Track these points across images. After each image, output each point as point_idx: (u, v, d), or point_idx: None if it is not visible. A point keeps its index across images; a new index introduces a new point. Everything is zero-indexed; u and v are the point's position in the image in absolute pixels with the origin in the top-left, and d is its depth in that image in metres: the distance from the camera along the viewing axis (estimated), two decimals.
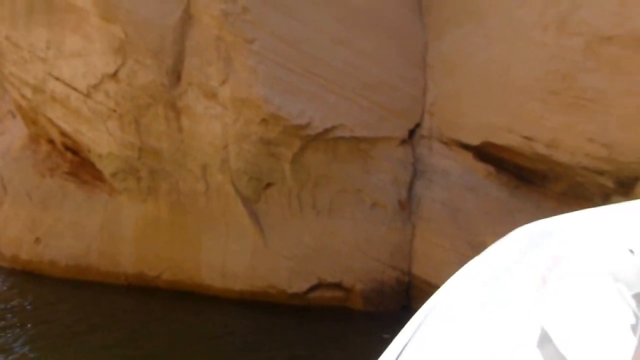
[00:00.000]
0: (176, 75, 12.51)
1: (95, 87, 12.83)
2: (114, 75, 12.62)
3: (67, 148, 14.82)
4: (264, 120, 12.03)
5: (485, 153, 12.30)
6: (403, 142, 13.00)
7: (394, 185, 12.68)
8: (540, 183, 11.98)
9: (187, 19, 12.45)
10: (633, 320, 2.60)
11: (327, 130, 12.34)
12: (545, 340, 1.93)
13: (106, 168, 13.43)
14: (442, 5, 13.56)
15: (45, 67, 13.45)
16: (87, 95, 12.98)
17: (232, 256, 12.55)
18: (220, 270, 12.65)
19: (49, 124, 14.34)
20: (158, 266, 13.20)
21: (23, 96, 14.32)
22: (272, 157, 12.39)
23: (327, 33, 12.68)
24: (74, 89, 13.13)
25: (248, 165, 12.35)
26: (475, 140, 12.32)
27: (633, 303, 2.83)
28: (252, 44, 12.12)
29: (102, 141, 13.17)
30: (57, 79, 13.35)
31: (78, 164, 14.77)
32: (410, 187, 12.81)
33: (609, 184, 10.86)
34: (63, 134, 14.23)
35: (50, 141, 15.21)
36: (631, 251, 3.74)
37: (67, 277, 13.76)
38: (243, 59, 12.10)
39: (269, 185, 12.64)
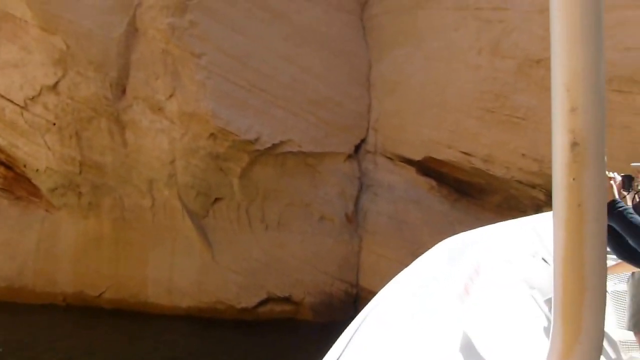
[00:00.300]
0: (121, 88, 12.30)
1: (34, 99, 12.38)
2: (54, 87, 12.24)
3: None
4: (212, 135, 12.04)
5: (427, 167, 12.89)
6: (349, 157, 13.39)
7: (341, 199, 13.00)
8: (479, 196, 12.69)
9: (132, 31, 12.31)
10: (546, 323, 2.89)
11: (275, 146, 12.51)
12: (467, 346, 2.09)
13: (44, 183, 12.91)
14: (384, 27, 14.15)
15: None
16: (24, 107, 12.48)
17: (179, 272, 12.36)
18: (167, 287, 12.43)
19: None
20: (100, 285, 12.77)
21: None
22: (221, 172, 12.40)
23: (274, 50, 12.92)
24: (10, 100, 12.58)
25: (196, 180, 12.28)
26: (417, 156, 12.88)
27: (546, 308, 3.15)
28: (200, 58, 12.15)
29: (40, 155, 12.67)
30: None
31: (12, 179, 14.05)
32: (357, 201, 13.18)
33: (541, 196, 11.69)
34: None
35: None
36: (545, 260, 4.20)
37: None
38: (191, 73, 12.10)
39: (217, 200, 12.61)
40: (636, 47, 9.81)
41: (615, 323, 4.80)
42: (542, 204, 11.77)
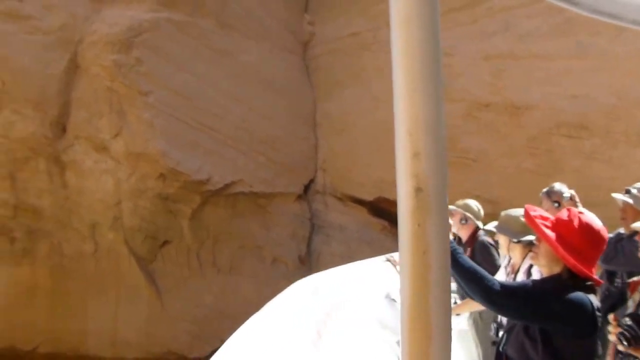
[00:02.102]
0: (61, 127, 11.60)
1: None
2: None
3: None
4: (162, 175, 11.55)
5: (379, 208, 12.97)
6: (299, 197, 13.26)
7: (293, 240, 12.80)
8: None
9: (73, 68, 11.69)
10: None
11: (227, 186, 12.19)
12: None
13: None
14: (329, 68, 14.29)
15: None
16: None
17: (125, 322, 11.61)
18: (111, 339, 11.62)
19: None
20: (34, 338, 11.75)
21: None
22: (170, 214, 11.88)
23: (221, 89, 12.69)
24: None
25: (143, 223, 11.69)
26: (369, 196, 12.95)
27: (397, 349, 3.18)
28: (147, 96, 11.71)
29: None
30: None
31: None
32: (309, 242, 13.02)
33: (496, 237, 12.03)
34: None
35: None
36: (393, 300, 4.26)
37: None
38: (138, 112, 11.61)
39: (165, 243, 12.05)
40: (582, 94, 10.42)
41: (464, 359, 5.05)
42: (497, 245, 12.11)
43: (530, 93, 11.35)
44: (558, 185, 4.86)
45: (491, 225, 4.64)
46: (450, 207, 4.57)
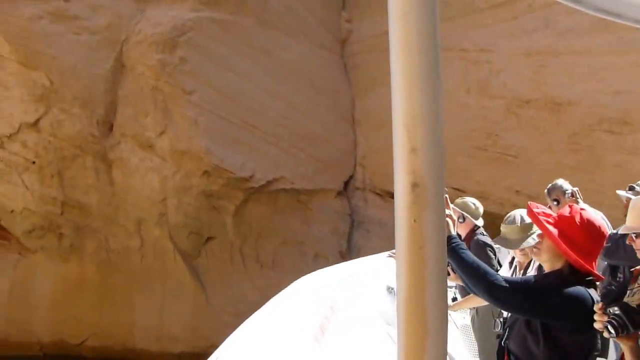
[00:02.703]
0: (107, 125, 11.82)
1: (11, 137, 11.65)
2: (35, 125, 11.58)
3: None
4: (206, 173, 11.73)
5: None
6: (339, 193, 13.37)
7: (333, 236, 12.92)
8: None
9: (119, 67, 11.90)
10: None
11: (269, 183, 12.34)
12: None
13: (19, 225, 12.10)
14: (366, 65, 14.34)
15: None
16: (0, 145, 11.71)
17: (171, 317, 11.83)
18: (157, 333, 11.84)
19: None
20: (81, 332, 12.02)
21: None
22: (214, 210, 12.07)
23: (262, 86, 12.82)
24: None
25: (188, 219, 11.89)
26: None
27: None
28: (191, 95, 11.89)
29: (16, 196, 11.89)
30: None
31: None
32: (349, 238, 13.14)
33: None
34: None
35: None
36: (392, 289, 4.26)
37: None
38: (182, 110, 11.79)
39: (209, 239, 12.24)
40: (624, 90, 10.40)
41: (468, 355, 4.99)
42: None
43: (571, 89, 11.34)
44: (560, 182, 4.89)
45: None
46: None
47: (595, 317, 1.85)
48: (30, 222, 11.99)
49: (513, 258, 4.19)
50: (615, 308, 1.84)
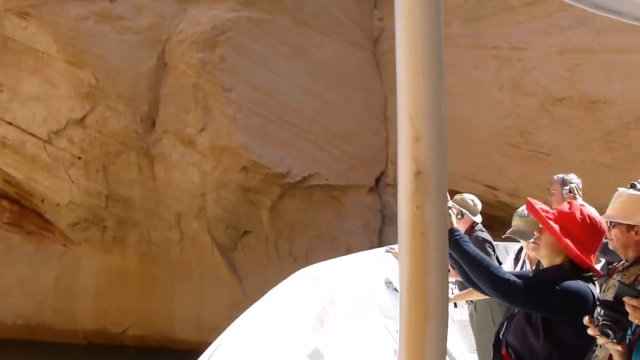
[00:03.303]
0: (150, 122, 12.24)
1: (58, 133, 12.14)
2: (81, 121, 12.05)
3: (2, 197, 13.61)
4: (244, 168, 12.08)
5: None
6: (371, 189, 13.62)
7: (365, 231, 13.18)
8: (498, 228, 13.03)
9: (161, 66, 12.31)
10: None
11: (304, 178, 12.65)
12: None
13: (64, 218, 12.60)
14: None
15: None
16: (47, 141, 12.21)
17: (209, 308, 12.20)
18: (196, 324, 12.23)
19: None
20: (123, 321, 12.47)
21: None
22: (251, 205, 12.41)
23: (298, 84, 13.13)
24: (31, 134, 12.28)
25: (226, 213, 12.25)
26: None
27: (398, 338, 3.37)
28: (230, 92, 12.24)
29: (62, 190, 12.38)
30: (9, 123, 12.41)
31: (18, 213, 13.65)
32: (380, 233, 13.38)
33: None
34: (7, 181, 13.12)
35: None
36: (395, 289, 4.26)
37: (15, 337, 12.50)
38: (222, 107, 12.15)
39: (245, 233, 12.58)
40: None
41: (464, 349, 5.06)
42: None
43: (607, 87, 11.39)
44: (570, 176, 4.86)
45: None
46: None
47: (589, 331, 1.79)
48: (76, 215, 12.47)
49: (518, 253, 4.20)
50: (598, 310, 1.77)
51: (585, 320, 1.79)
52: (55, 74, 12.10)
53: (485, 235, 4.51)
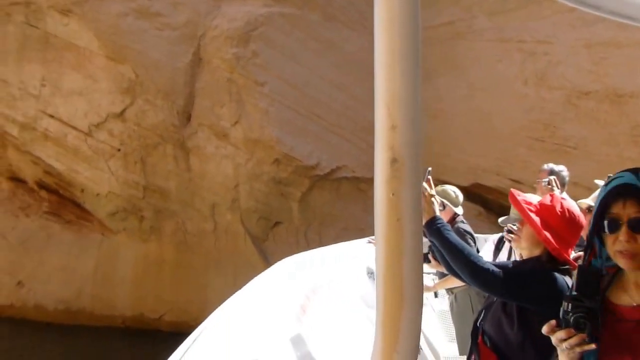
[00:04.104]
0: (186, 115, 12.68)
1: (98, 126, 12.65)
2: (121, 115, 12.55)
3: (41, 187, 14.17)
4: (276, 160, 12.48)
5: (473, 194, 13.49)
6: None
7: None
8: None
9: (196, 61, 12.75)
10: None
11: (333, 171, 13.01)
12: None
13: (103, 207, 13.11)
14: (422, 56, 14.67)
15: (38, 105, 13.01)
16: (88, 134, 12.73)
17: None
18: None
19: (28, 162, 13.71)
20: (159, 308, 12.96)
21: (4, 134, 13.64)
22: (282, 197, 12.82)
23: (327, 78, 13.49)
24: (73, 127, 12.81)
25: (259, 205, 12.67)
26: (464, 182, 13.45)
27: None
28: (263, 86, 12.65)
29: (102, 180, 12.90)
30: (51, 116, 12.95)
31: (56, 203, 14.21)
32: None
33: None
34: (48, 172, 13.68)
35: (12, 179, 14.34)
36: (372, 273, 4.28)
37: (55, 321, 13.07)
38: (255, 101, 12.56)
39: (276, 224, 12.99)
40: None
41: (444, 339, 5.16)
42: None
43: (634, 81, 11.57)
44: (558, 168, 4.75)
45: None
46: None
47: (557, 334, 1.51)
48: (114, 205, 12.98)
49: (498, 243, 4.24)
50: (566, 304, 1.52)
51: (544, 329, 1.55)
52: (96, 69, 12.60)
53: (466, 226, 4.47)
